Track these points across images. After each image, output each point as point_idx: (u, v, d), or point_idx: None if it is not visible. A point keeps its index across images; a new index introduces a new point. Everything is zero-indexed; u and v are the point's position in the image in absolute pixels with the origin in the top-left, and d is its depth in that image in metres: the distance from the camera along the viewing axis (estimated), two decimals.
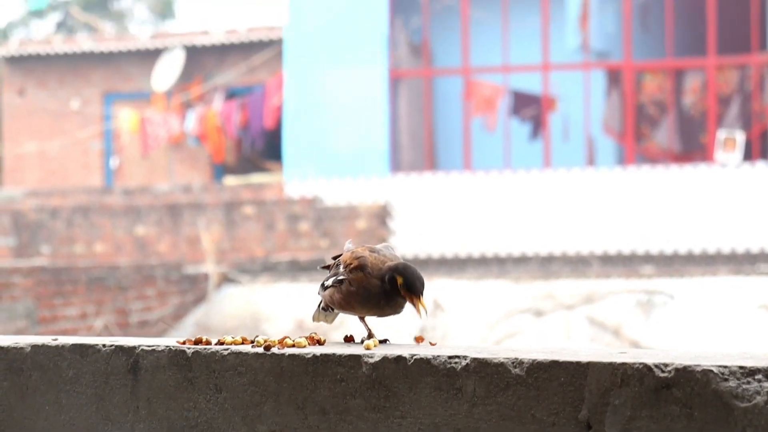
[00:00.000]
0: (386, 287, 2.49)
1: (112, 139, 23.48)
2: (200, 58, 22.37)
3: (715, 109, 18.47)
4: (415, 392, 2.27)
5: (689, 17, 19.98)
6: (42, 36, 27.99)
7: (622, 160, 18.96)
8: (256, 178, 21.02)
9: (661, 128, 19.12)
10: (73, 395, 2.62)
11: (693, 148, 19.12)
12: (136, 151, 22.84)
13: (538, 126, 19.09)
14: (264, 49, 21.77)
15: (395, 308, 2.55)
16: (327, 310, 2.70)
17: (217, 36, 22.36)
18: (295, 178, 18.72)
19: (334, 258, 2.67)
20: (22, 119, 24.08)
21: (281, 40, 20.96)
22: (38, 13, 29.73)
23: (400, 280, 2.48)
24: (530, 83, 19.17)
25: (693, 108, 19.06)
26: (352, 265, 2.55)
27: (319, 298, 2.71)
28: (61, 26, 30.77)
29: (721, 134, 18.18)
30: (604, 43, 19.65)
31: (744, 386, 2.00)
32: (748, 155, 18.27)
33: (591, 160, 19.04)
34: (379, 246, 2.62)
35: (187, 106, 21.72)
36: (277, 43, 21.47)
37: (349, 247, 2.66)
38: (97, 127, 23.30)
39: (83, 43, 23.55)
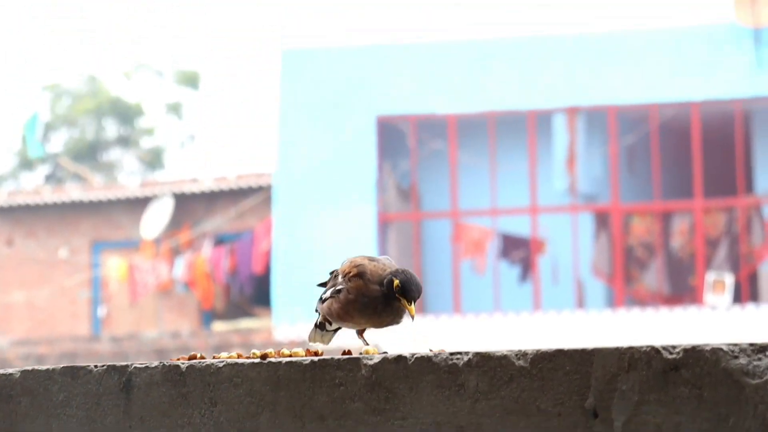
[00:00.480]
0: (384, 291, 2.46)
1: (100, 287, 23.42)
2: (189, 205, 22.48)
3: (704, 251, 18.53)
4: (416, 392, 2.21)
5: (676, 160, 20.21)
6: (31, 187, 28.16)
7: (612, 302, 18.94)
8: (245, 323, 20.92)
9: (650, 270, 19.14)
10: (63, 419, 2.54)
11: (682, 290, 19.13)
12: (124, 298, 22.76)
13: (527, 269, 19.11)
14: (252, 195, 21.90)
15: (393, 317, 2.51)
16: (323, 329, 2.66)
17: (206, 183, 22.50)
18: (285, 322, 18.63)
19: (332, 272, 2.63)
20: (10, 269, 24.04)
21: (270, 186, 21.10)
22: (28, 165, 29.99)
23: (396, 282, 2.45)
24: (519, 226, 19.26)
25: (681, 250, 19.13)
26: (351, 274, 2.52)
27: (316, 317, 2.67)
28: (50, 178, 31.01)
29: (710, 276, 18.21)
30: (592, 186, 19.82)
31: (755, 363, 1.95)
32: (738, 297, 18.26)
33: (581, 303, 19.01)
34: (379, 257, 2.59)
35: (175, 252, 21.74)
36: (265, 189, 21.61)
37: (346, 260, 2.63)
38: (85, 275, 23.26)
39: (72, 192, 23.67)
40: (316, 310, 2.64)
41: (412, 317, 2.47)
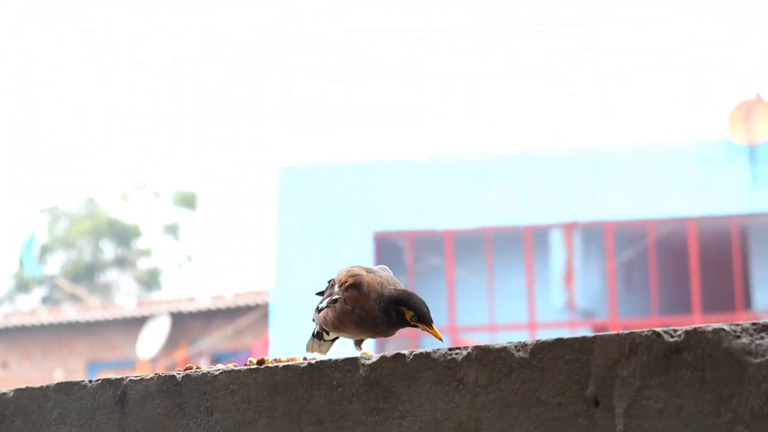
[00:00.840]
0: (392, 319, 2.43)
1: None
2: (186, 324, 22.41)
3: None
4: (414, 389, 2.18)
5: (673, 276, 20.22)
6: (27, 308, 28.11)
7: None
8: None
9: None
10: None
11: None
12: None
13: None
14: (249, 313, 21.85)
15: (389, 332, 2.48)
16: (321, 338, 2.63)
17: (202, 302, 22.47)
18: None
19: (329, 281, 2.62)
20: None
21: (267, 303, 21.06)
22: (24, 287, 29.97)
23: (409, 314, 2.43)
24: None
25: None
26: (347, 283, 2.50)
27: (314, 326, 2.64)
28: (46, 300, 30.96)
29: None
30: (590, 302, 19.79)
31: (757, 342, 1.93)
32: None
33: None
34: (375, 267, 2.57)
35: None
36: (262, 307, 21.56)
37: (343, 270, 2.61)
38: None
39: (68, 313, 23.61)
40: (313, 320, 2.62)
41: (441, 340, 2.44)
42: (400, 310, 2.43)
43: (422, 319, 2.42)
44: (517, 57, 46.88)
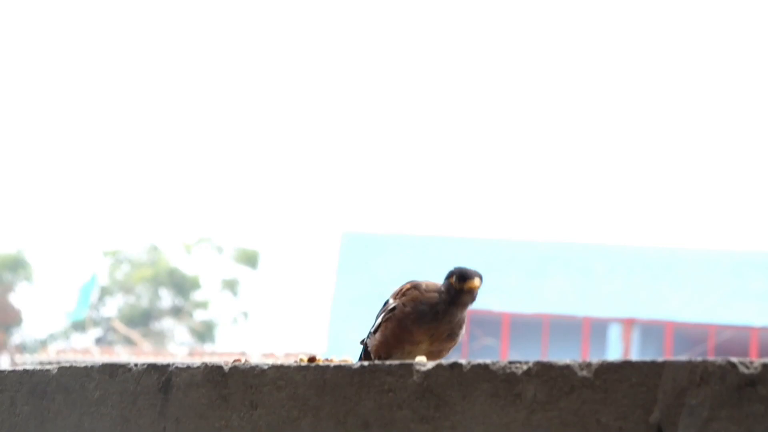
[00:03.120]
0: (443, 296, 2.37)
1: None
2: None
3: None
4: (468, 400, 2.08)
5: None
6: (80, 347, 28.22)
7: None
8: None
9: None
10: (96, 417, 2.43)
11: None
12: None
13: None
14: None
15: (452, 327, 2.41)
16: None
17: (254, 359, 22.41)
18: None
19: (382, 308, 2.57)
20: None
21: None
22: (79, 327, 30.14)
23: (452, 280, 2.38)
24: None
25: None
26: (405, 288, 2.45)
27: (360, 353, 2.58)
28: (100, 341, 31.06)
29: None
30: None
31: None
32: None
33: None
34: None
35: None
36: None
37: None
38: None
39: (121, 355, 23.64)
40: (363, 342, 2.54)
41: (476, 288, 2.36)
42: (449, 283, 2.39)
43: (462, 276, 2.37)
44: (592, 146, 46.81)
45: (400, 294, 2.48)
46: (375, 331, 2.51)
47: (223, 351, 23.86)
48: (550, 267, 19.42)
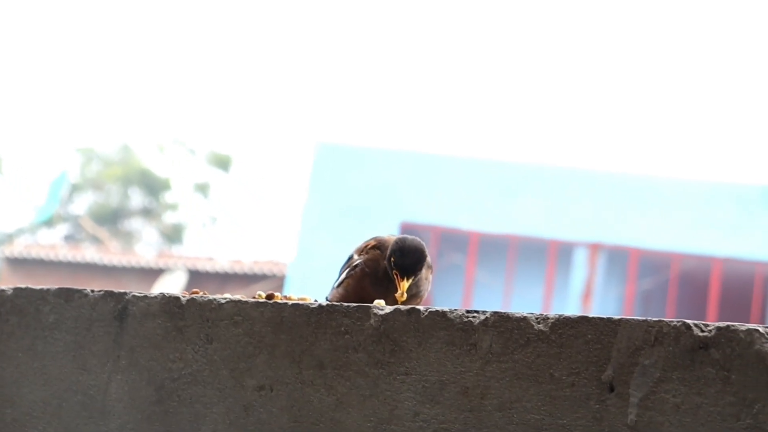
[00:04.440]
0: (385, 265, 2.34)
1: None
2: (201, 283, 22.37)
3: None
4: (424, 347, 2.08)
5: (690, 312, 20.05)
6: (47, 243, 28.17)
7: None
8: None
9: None
10: (50, 342, 2.42)
11: None
12: None
13: None
14: (265, 281, 21.80)
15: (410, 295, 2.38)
16: None
17: (221, 264, 22.44)
18: None
19: (348, 258, 2.53)
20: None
21: (284, 275, 21.00)
22: (48, 223, 30.02)
23: (393, 257, 2.33)
24: None
25: None
26: (368, 246, 2.41)
27: None
28: (68, 238, 30.98)
29: None
30: None
31: None
32: None
33: None
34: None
35: None
36: (279, 278, 21.51)
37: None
38: None
39: (87, 253, 23.61)
40: (327, 300, 2.51)
41: (401, 294, 2.31)
42: (390, 264, 2.34)
43: (397, 264, 2.32)
44: (571, 72, 46.68)
45: (363, 251, 2.44)
46: (338, 286, 2.49)
47: (191, 255, 23.90)
48: (521, 188, 19.44)
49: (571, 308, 19.35)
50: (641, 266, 19.59)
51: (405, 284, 2.33)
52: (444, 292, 20.00)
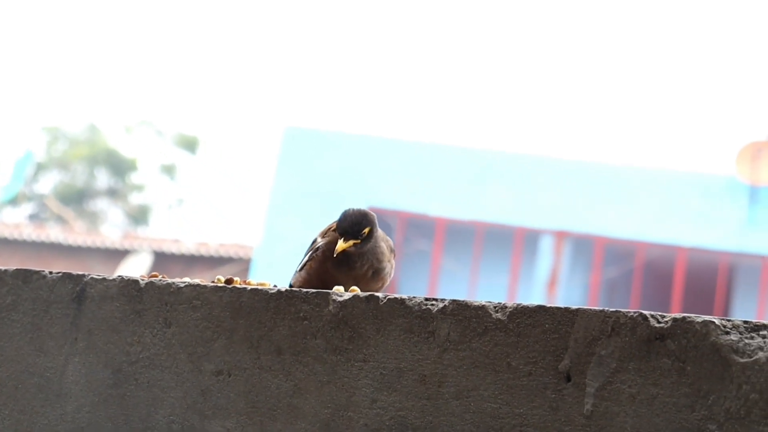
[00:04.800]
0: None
1: None
2: (167, 264, 22.31)
3: None
4: (382, 334, 2.08)
5: (654, 300, 20.16)
6: (11, 222, 27.98)
7: None
8: None
9: None
10: (7, 323, 2.40)
11: None
12: None
13: None
14: (231, 264, 21.75)
15: (370, 266, 2.39)
16: None
17: (186, 246, 22.37)
18: None
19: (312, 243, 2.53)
20: None
21: (249, 258, 20.96)
22: (12, 202, 29.83)
23: (336, 223, 2.35)
24: None
25: None
26: (331, 228, 2.41)
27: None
28: (33, 218, 30.80)
29: None
30: None
31: (746, 341, 1.84)
32: None
33: None
34: None
35: None
36: (244, 261, 21.47)
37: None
38: None
39: (52, 233, 23.48)
40: (290, 285, 2.51)
41: (335, 254, 2.34)
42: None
43: (338, 227, 2.36)
44: (539, 60, 46.75)
45: (326, 233, 2.44)
46: (301, 269, 2.49)
47: (156, 236, 23.82)
48: (488, 175, 19.46)
49: (537, 296, 19.41)
50: (606, 255, 19.66)
51: (342, 245, 2.35)
52: (410, 278, 20.02)
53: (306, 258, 2.47)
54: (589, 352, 1.93)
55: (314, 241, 2.51)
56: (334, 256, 2.33)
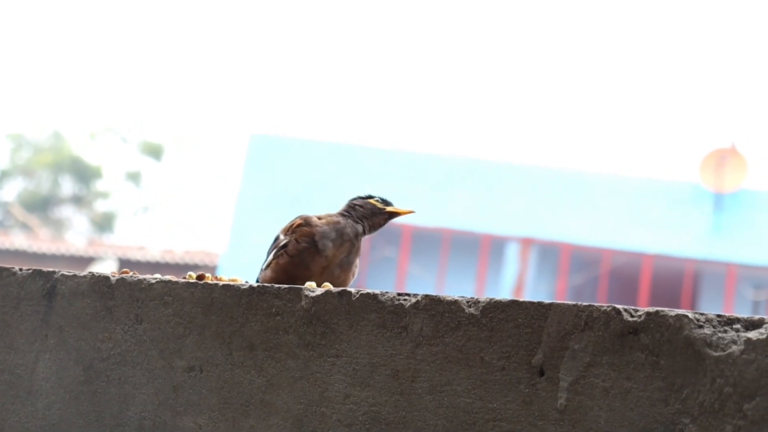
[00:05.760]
0: (357, 215, 2.36)
1: None
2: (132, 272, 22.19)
3: None
4: (355, 330, 2.07)
5: (621, 303, 20.21)
6: None
7: None
8: None
9: None
10: None
11: None
12: None
13: None
14: (197, 270, 21.68)
15: (355, 249, 2.40)
16: None
17: (152, 253, 22.27)
18: None
19: (272, 243, 2.53)
20: None
21: (216, 266, 20.89)
22: None
23: (373, 201, 2.38)
24: None
25: None
26: (295, 224, 2.40)
27: None
28: None
29: None
30: None
31: (720, 334, 1.84)
32: None
33: None
34: None
35: None
36: (210, 269, 21.39)
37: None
38: None
39: (17, 240, 23.33)
40: (257, 281, 2.50)
41: (413, 211, 2.41)
42: (368, 203, 2.39)
43: (386, 201, 2.41)
44: (505, 67, 46.88)
45: (290, 230, 2.43)
46: (266, 267, 2.48)
47: (122, 244, 23.71)
48: (454, 182, 19.49)
49: None
50: (572, 261, 19.73)
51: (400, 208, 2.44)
52: (376, 285, 20.01)
53: (271, 256, 2.46)
54: (563, 346, 1.93)
55: (277, 238, 2.50)
56: (413, 211, 2.42)
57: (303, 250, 2.38)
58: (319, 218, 2.44)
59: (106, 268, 22.12)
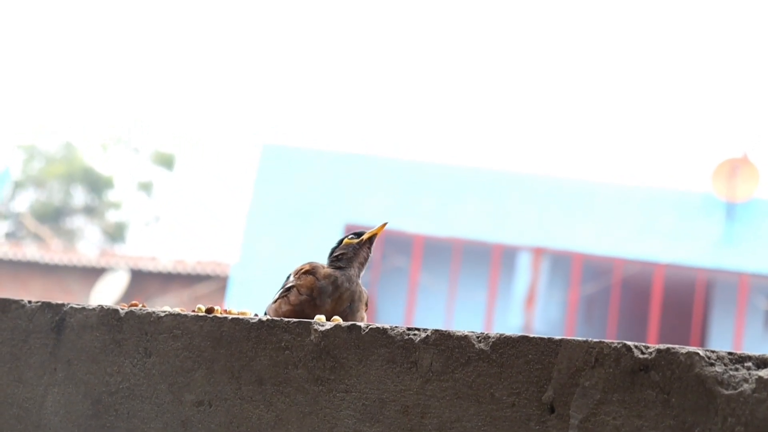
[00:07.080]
0: (344, 261, 2.35)
1: None
2: (144, 282, 22.22)
3: None
4: (364, 364, 2.06)
5: (633, 316, 20.19)
6: None
7: None
8: None
9: None
10: None
11: None
12: None
13: None
14: (208, 282, 21.68)
15: (351, 293, 2.39)
16: None
17: (163, 263, 22.28)
18: None
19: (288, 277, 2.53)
20: None
21: (227, 276, 20.90)
22: None
23: (347, 240, 2.38)
24: None
25: None
26: (302, 270, 2.40)
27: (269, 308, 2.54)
28: (9, 236, 30.65)
29: None
30: (547, 328, 19.73)
31: (731, 372, 1.83)
32: None
33: None
34: None
35: None
36: (222, 279, 21.40)
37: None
38: None
39: (29, 251, 23.36)
40: (265, 313, 2.50)
41: (386, 222, 2.41)
42: (344, 245, 2.40)
43: (354, 234, 2.41)
44: (517, 77, 46.87)
45: (298, 274, 2.44)
46: (273, 302, 2.48)
47: (133, 254, 23.72)
48: (466, 192, 19.47)
49: (515, 313, 19.41)
50: (584, 271, 19.69)
51: (372, 232, 2.45)
52: (388, 295, 20.00)
53: (277, 295, 2.46)
54: (573, 383, 1.91)
55: (288, 278, 2.51)
56: (363, 239, 2.40)
57: (303, 302, 2.39)
58: (324, 267, 2.45)
59: (118, 278, 22.14)
